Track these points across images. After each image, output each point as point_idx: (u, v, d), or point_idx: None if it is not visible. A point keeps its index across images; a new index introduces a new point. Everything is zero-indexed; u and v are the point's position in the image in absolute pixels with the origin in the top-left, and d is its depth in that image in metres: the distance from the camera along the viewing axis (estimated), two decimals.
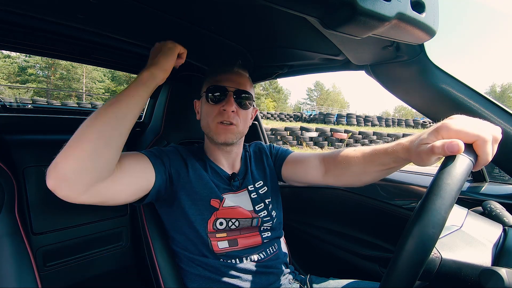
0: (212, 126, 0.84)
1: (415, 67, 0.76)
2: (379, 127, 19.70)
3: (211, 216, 0.82)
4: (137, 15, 0.83)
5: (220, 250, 0.81)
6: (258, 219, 0.88)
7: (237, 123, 0.84)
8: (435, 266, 0.50)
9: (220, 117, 0.83)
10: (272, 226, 0.91)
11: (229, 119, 0.82)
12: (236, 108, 0.83)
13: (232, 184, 0.89)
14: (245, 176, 0.94)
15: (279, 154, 1.01)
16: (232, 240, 0.84)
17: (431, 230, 0.38)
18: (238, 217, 0.85)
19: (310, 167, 0.90)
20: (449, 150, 0.44)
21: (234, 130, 0.84)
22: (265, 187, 0.94)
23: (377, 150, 0.70)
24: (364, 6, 0.43)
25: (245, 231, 0.86)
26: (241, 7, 0.75)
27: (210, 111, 0.85)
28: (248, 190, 0.91)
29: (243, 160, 0.98)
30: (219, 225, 0.83)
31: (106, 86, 36.15)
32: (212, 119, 0.84)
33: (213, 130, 0.84)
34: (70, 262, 1.07)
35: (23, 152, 0.97)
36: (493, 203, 0.72)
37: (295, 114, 23.83)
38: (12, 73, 30.42)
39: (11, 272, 0.73)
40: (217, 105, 0.84)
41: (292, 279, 0.92)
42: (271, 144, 1.08)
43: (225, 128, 0.83)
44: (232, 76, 0.86)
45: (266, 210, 0.91)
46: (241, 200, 0.89)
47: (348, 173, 0.80)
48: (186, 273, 0.85)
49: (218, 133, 0.84)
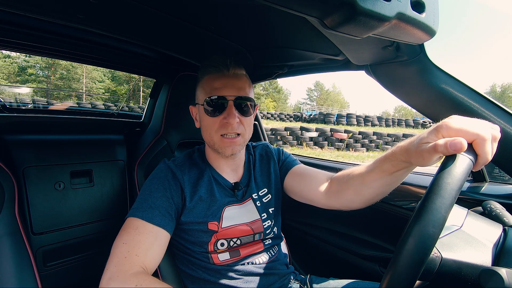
0: (216, 140, 0.79)
1: (415, 67, 0.76)
2: (379, 127, 19.70)
3: (211, 238, 0.80)
4: (137, 15, 0.83)
5: (221, 262, 0.81)
6: (260, 233, 0.87)
7: (242, 132, 0.80)
8: (435, 266, 0.50)
9: (224, 130, 0.77)
10: (274, 235, 0.91)
11: (233, 131, 0.77)
12: (239, 117, 0.77)
13: (236, 194, 0.86)
14: (248, 183, 0.90)
15: (287, 161, 0.96)
16: (234, 252, 0.83)
17: (431, 229, 0.38)
18: (239, 236, 0.83)
19: (315, 182, 0.84)
20: (452, 148, 0.44)
21: (240, 141, 0.80)
22: (269, 195, 0.92)
23: (377, 158, 0.68)
24: (364, 6, 0.43)
25: (247, 244, 0.86)
26: (241, 7, 0.75)
27: (211, 124, 0.78)
28: (252, 199, 0.88)
29: (246, 165, 0.93)
30: (220, 246, 0.81)
31: (106, 86, 36.15)
32: (215, 132, 0.78)
33: (217, 143, 0.79)
34: (70, 262, 1.07)
35: (23, 152, 0.97)
36: (493, 203, 0.72)
37: (295, 114, 23.84)
38: (12, 73, 30.42)
39: (11, 272, 0.73)
40: (217, 117, 0.77)
41: (292, 279, 0.92)
42: (280, 149, 1.01)
43: (231, 142, 0.78)
44: (230, 81, 0.78)
45: (270, 219, 0.90)
46: (246, 210, 0.86)
47: (348, 186, 0.74)
48: (186, 274, 0.85)
49: (224, 147, 0.79)
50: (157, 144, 1.12)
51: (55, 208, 1.01)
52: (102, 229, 1.13)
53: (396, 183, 0.68)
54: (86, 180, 1.11)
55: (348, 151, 11.67)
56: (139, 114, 1.68)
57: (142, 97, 31.06)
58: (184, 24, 0.86)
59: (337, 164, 1.41)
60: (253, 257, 0.85)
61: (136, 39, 1.00)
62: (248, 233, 0.84)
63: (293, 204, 0.96)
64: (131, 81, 35.09)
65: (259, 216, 0.87)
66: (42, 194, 0.99)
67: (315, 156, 2.31)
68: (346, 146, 12.08)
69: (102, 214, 1.13)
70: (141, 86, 30.55)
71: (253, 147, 1.01)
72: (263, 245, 0.88)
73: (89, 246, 1.12)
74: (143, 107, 1.65)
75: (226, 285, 0.80)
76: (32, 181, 0.97)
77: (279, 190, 0.95)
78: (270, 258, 0.88)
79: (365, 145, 12.44)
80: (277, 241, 0.94)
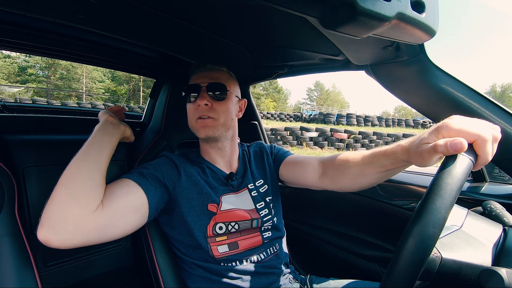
0: (193, 123, 0.87)
1: (415, 67, 0.76)
2: (379, 127, 19.69)
3: (210, 221, 0.82)
4: (137, 15, 0.83)
5: (220, 255, 0.81)
6: (258, 220, 0.88)
7: (216, 116, 0.85)
8: (435, 266, 0.50)
9: (197, 113, 0.85)
10: (272, 225, 0.91)
11: (203, 113, 0.84)
12: (210, 101, 0.84)
13: (230, 184, 0.89)
14: (244, 174, 0.94)
15: (279, 154, 1.02)
16: (233, 243, 0.83)
17: (431, 229, 0.38)
18: (237, 220, 0.84)
19: (308, 168, 0.89)
20: (452, 148, 0.44)
21: (212, 123, 0.85)
22: (265, 186, 0.95)
23: (376, 152, 0.69)
24: (364, 6, 0.43)
25: (245, 233, 0.86)
26: (241, 7, 0.75)
27: (190, 110, 0.88)
28: (248, 189, 0.91)
29: (241, 159, 0.98)
30: (219, 229, 0.82)
31: (106, 86, 36.18)
32: (192, 117, 0.87)
33: (194, 126, 0.87)
34: (70, 262, 1.07)
35: (23, 152, 0.97)
36: (493, 203, 0.72)
37: (295, 114, 23.82)
38: (12, 73, 30.43)
39: (11, 272, 0.73)
40: (194, 104, 0.86)
41: (293, 279, 0.92)
42: (272, 144, 1.08)
43: (203, 122, 0.85)
44: (205, 73, 0.88)
45: (267, 208, 0.91)
46: (242, 199, 0.88)
47: (345, 174, 0.78)
48: (187, 273, 0.85)
49: (198, 128, 0.86)
50: (157, 144, 1.12)
51: None
52: None
53: (393, 175, 0.73)
54: None
55: (348, 151, 11.66)
56: (139, 114, 1.68)
57: (142, 97, 31.08)
58: (184, 24, 0.86)
59: None
60: (252, 254, 0.85)
61: (136, 39, 1.00)
62: (245, 218, 0.86)
63: (293, 204, 0.96)
64: (131, 81, 35.11)
65: (253, 206, 0.89)
66: (42, 194, 0.98)
67: None
68: (346, 146, 12.08)
69: None
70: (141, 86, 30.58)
71: (248, 146, 1.06)
72: (262, 238, 0.88)
73: (89, 246, 1.11)
74: (143, 107, 1.66)
75: (226, 284, 0.80)
76: (32, 181, 0.97)
77: (276, 182, 0.99)
78: (269, 256, 0.88)
79: (365, 145, 12.44)
80: (277, 233, 0.93)
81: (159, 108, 1.19)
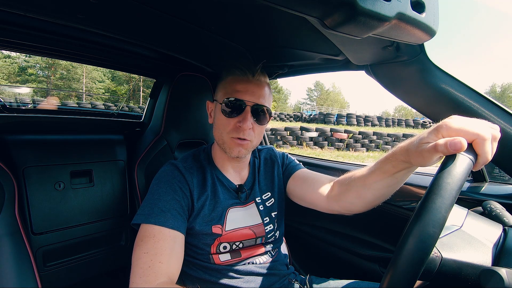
0: (226, 140, 0.80)
1: (415, 67, 0.76)
2: (379, 127, 19.69)
3: (214, 241, 0.81)
4: (137, 15, 0.83)
5: (222, 263, 0.81)
6: (262, 237, 0.87)
7: (252, 139, 0.81)
8: (435, 266, 0.50)
9: (235, 133, 0.78)
10: (275, 239, 0.91)
11: (244, 136, 0.78)
12: (252, 124, 0.79)
13: (240, 196, 0.87)
14: (252, 186, 0.91)
15: (290, 166, 0.97)
16: (235, 253, 0.83)
17: (432, 229, 0.38)
18: (242, 239, 0.84)
19: (317, 184, 0.84)
20: (452, 147, 0.44)
21: (248, 145, 0.81)
22: (272, 199, 0.92)
23: (378, 160, 0.68)
24: (364, 6, 0.43)
25: (248, 246, 0.86)
26: (241, 7, 0.75)
27: (225, 124, 0.80)
28: (255, 202, 0.89)
29: (251, 168, 0.94)
30: (223, 248, 0.82)
31: (106, 86, 36.17)
32: (227, 133, 0.80)
33: (226, 143, 0.81)
34: (70, 262, 1.07)
35: (23, 152, 0.97)
36: (493, 203, 0.72)
37: (295, 114, 23.81)
38: (12, 73, 30.43)
39: (11, 272, 0.73)
40: (233, 119, 0.78)
41: (292, 280, 0.92)
42: (284, 153, 1.03)
43: (239, 144, 0.79)
44: (252, 86, 0.79)
45: (272, 223, 0.90)
46: (249, 214, 0.87)
47: (350, 188, 0.75)
48: (187, 275, 0.84)
49: (231, 147, 0.80)
50: (157, 144, 1.13)
51: (55, 208, 1.01)
52: (102, 229, 1.13)
53: (397, 185, 0.68)
54: (86, 180, 1.11)
55: (348, 151, 11.67)
56: (139, 114, 1.68)
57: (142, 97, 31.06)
58: (184, 24, 0.86)
59: (337, 164, 1.41)
60: (253, 258, 0.85)
61: (136, 39, 1.00)
62: (250, 237, 0.85)
63: (293, 204, 0.96)
64: (131, 81, 35.08)
65: (261, 220, 0.87)
66: (42, 194, 0.99)
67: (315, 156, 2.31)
68: (346, 146, 12.08)
69: (102, 214, 1.13)
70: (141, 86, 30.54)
71: (259, 150, 1.01)
72: (264, 249, 0.89)
73: (89, 246, 1.12)
74: (143, 107, 1.65)
75: (227, 285, 0.80)
76: (32, 181, 0.97)
77: (282, 194, 0.96)
78: (270, 259, 0.89)
79: (365, 145, 12.44)
80: (278, 243, 0.94)
81: (159, 108, 1.20)
